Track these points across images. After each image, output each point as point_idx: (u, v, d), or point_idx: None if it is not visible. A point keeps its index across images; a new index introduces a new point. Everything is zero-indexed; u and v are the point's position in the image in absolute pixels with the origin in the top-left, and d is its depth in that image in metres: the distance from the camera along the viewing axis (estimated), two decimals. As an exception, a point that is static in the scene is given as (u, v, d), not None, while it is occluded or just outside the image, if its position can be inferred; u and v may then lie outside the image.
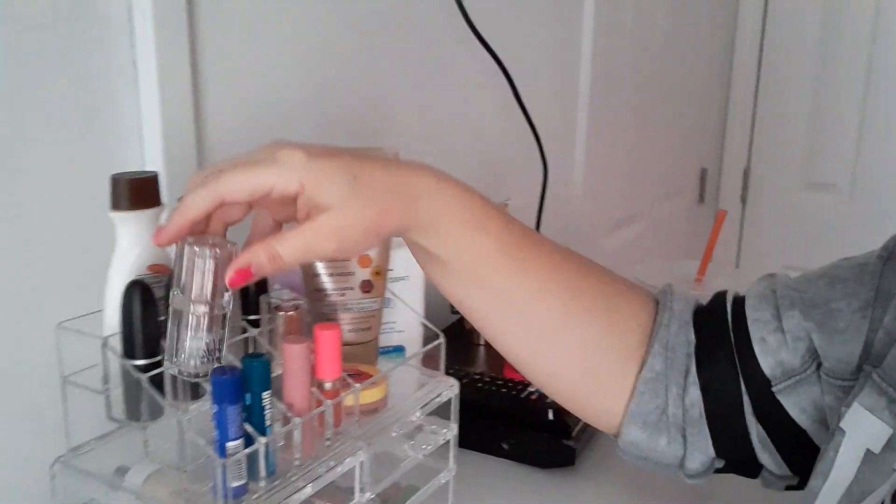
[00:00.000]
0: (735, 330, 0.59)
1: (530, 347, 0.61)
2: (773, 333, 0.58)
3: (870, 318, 0.55)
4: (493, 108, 1.18)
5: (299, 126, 0.84)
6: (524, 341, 0.61)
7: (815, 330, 0.57)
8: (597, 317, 0.60)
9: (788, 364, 0.57)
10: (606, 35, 1.50)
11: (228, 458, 0.49)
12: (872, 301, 0.56)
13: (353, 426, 0.60)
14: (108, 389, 0.53)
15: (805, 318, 0.58)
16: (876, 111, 2.15)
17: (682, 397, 0.59)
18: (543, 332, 0.60)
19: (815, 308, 0.58)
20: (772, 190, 2.35)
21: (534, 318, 0.60)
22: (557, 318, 0.60)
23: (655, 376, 0.60)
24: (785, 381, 0.57)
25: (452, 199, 0.55)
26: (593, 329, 0.60)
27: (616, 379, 0.61)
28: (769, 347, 0.58)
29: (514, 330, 0.61)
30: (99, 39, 0.63)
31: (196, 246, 0.49)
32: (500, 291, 0.59)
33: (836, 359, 0.56)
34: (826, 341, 0.56)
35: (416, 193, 0.53)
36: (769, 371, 0.57)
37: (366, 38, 0.92)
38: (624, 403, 0.61)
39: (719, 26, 2.22)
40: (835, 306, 0.57)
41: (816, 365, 0.57)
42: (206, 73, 0.72)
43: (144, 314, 0.52)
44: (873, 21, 2.11)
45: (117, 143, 0.65)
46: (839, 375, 0.56)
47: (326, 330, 0.58)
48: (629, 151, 1.74)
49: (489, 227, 0.57)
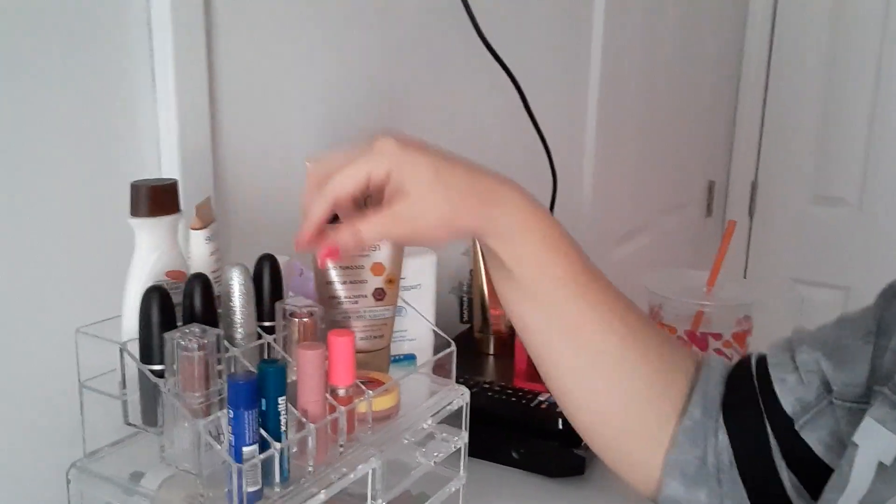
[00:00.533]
0: (758, 377, 0.60)
1: (581, 379, 0.61)
2: (791, 373, 0.59)
3: (873, 345, 0.56)
4: (503, 119, 1.18)
5: (313, 136, 0.85)
6: (576, 372, 0.61)
7: (823, 358, 0.58)
8: (650, 361, 0.61)
9: (806, 399, 0.58)
10: (615, 47, 1.51)
11: (244, 463, 0.50)
12: (875, 329, 0.57)
13: (366, 433, 0.60)
14: (125, 394, 0.54)
15: (813, 349, 0.59)
16: (884, 124, 2.14)
17: (715, 445, 0.59)
18: (597, 366, 0.60)
19: (824, 344, 0.59)
20: (780, 203, 2.35)
21: (590, 350, 0.60)
22: (613, 355, 0.60)
23: (694, 425, 0.60)
24: (804, 416, 0.58)
25: (531, 216, 0.57)
26: (644, 373, 0.61)
27: (658, 427, 0.61)
28: (788, 386, 0.59)
29: (568, 358, 0.61)
30: (117, 48, 0.64)
31: (182, 339, 0.51)
32: (564, 316, 0.59)
33: (843, 383, 0.57)
34: (834, 367, 0.57)
35: (495, 201, 0.56)
36: (790, 409, 0.58)
37: (378, 50, 0.93)
38: (663, 454, 0.60)
39: (727, 39, 2.22)
40: (843, 343, 0.58)
41: (829, 394, 0.57)
42: (223, 80, 0.73)
43: (162, 320, 0.52)
44: (881, 34, 2.11)
45: (135, 151, 0.66)
46: (849, 398, 0.56)
47: (341, 336, 0.58)
48: (637, 163, 1.74)
49: (564, 250, 0.58)
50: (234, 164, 0.75)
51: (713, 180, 2.33)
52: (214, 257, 0.60)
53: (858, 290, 2.20)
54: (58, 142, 0.61)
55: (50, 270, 0.61)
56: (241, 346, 0.57)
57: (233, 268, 0.57)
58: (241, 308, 0.57)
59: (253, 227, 0.78)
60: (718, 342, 0.83)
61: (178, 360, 0.51)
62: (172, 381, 0.52)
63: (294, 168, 0.68)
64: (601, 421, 0.63)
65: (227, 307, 0.57)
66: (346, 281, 0.67)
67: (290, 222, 0.77)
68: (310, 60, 0.83)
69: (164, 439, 0.54)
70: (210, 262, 0.60)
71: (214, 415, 0.52)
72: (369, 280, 0.68)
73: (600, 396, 0.61)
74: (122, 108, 0.65)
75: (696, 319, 0.83)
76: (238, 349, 0.57)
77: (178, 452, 0.53)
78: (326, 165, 0.57)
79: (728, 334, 0.83)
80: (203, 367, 0.51)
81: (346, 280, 0.67)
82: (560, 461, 0.80)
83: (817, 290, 2.31)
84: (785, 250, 2.35)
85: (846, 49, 2.16)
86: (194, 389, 0.51)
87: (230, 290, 0.57)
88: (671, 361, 0.62)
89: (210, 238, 0.60)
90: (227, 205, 0.75)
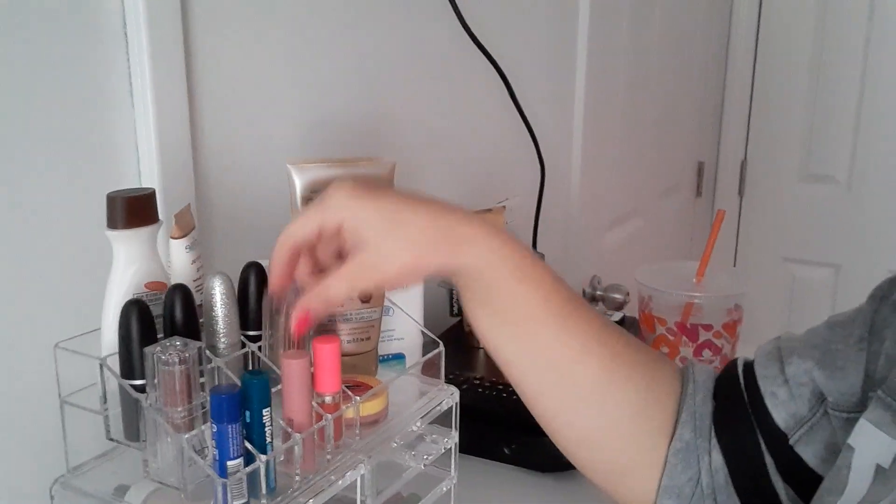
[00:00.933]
0: (748, 389, 0.59)
1: (566, 409, 0.60)
2: (781, 386, 0.58)
3: (867, 351, 0.56)
4: (490, 110, 1.17)
5: (296, 138, 0.83)
6: (560, 402, 0.60)
7: (816, 367, 0.57)
8: (635, 384, 0.60)
9: (799, 413, 0.57)
10: (602, 31, 1.49)
11: (229, 477, 0.49)
12: (867, 335, 0.56)
13: (354, 439, 0.60)
14: (106, 409, 0.53)
15: (804, 359, 0.58)
16: (873, 103, 2.14)
17: (709, 464, 0.58)
18: (581, 394, 0.59)
19: (814, 349, 0.58)
20: (769, 182, 2.35)
21: (573, 379, 0.59)
22: (597, 382, 0.59)
23: (685, 446, 0.59)
24: (798, 430, 0.57)
25: (499, 250, 0.55)
26: (630, 397, 0.60)
27: (648, 450, 0.60)
28: (780, 400, 0.58)
29: (551, 389, 0.60)
30: (94, 55, 0.62)
31: (162, 353, 0.50)
32: (542, 347, 0.58)
33: (838, 392, 0.56)
34: (827, 377, 0.57)
35: (459, 240, 0.54)
36: (783, 424, 0.57)
37: (362, 44, 0.91)
38: (657, 478, 0.59)
39: (715, 19, 2.21)
40: (834, 347, 0.57)
41: (823, 405, 0.57)
42: (203, 84, 0.71)
43: (142, 333, 0.51)
44: (869, 11, 2.10)
45: (113, 160, 0.65)
46: (844, 408, 0.56)
47: (326, 343, 0.57)
48: (626, 147, 1.73)
49: (536, 280, 0.57)
50: (215, 170, 0.74)
51: (702, 161, 2.32)
52: (196, 266, 0.60)
53: (848, 268, 2.21)
54: (32, 151, 0.59)
55: (27, 284, 0.60)
56: (224, 356, 0.57)
57: (214, 276, 0.56)
58: (224, 317, 0.57)
59: (236, 234, 0.77)
60: (709, 333, 0.83)
61: (158, 374, 0.50)
62: (154, 396, 0.51)
63: (277, 172, 0.67)
64: (591, 448, 0.61)
65: (210, 317, 0.57)
66: (330, 284, 0.66)
67: (274, 228, 0.76)
68: (291, 64, 0.82)
69: (148, 454, 0.53)
70: (191, 270, 0.59)
71: (198, 429, 0.51)
72: (354, 282, 0.67)
73: (587, 424, 0.60)
74: (99, 115, 0.63)
75: (686, 311, 0.83)
76: (221, 359, 0.56)
77: (162, 467, 0.52)
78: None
79: (719, 325, 0.83)
80: (185, 380, 0.51)
81: (330, 283, 0.66)
82: (552, 456, 0.79)
83: (808, 267, 2.31)
84: (775, 229, 2.36)
85: (834, 28, 2.15)
86: (176, 404, 0.51)
87: (212, 300, 0.56)
88: (657, 381, 0.61)
89: (191, 247, 0.59)
90: (209, 212, 0.74)
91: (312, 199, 0.64)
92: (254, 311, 0.61)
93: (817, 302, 2.28)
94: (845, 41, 2.14)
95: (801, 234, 2.31)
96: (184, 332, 0.53)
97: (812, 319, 0.63)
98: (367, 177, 0.65)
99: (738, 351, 0.87)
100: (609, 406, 0.59)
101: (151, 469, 0.53)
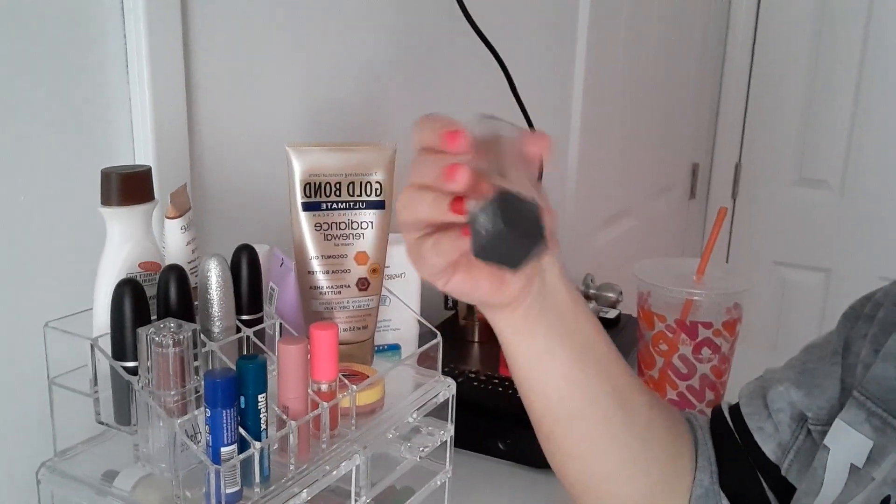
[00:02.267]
0: (738, 430, 0.60)
1: (596, 446, 0.59)
2: (766, 420, 0.59)
3: (841, 364, 0.56)
4: (489, 103, 1.16)
5: (292, 122, 0.82)
6: (593, 438, 0.58)
7: (792, 387, 0.58)
8: (658, 442, 0.60)
9: (783, 441, 0.58)
10: (600, 33, 1.49)
11: (222, 463, 0.48)
12: (840, 349, 0.57)
13: (350, 429, 0.59)
14: (96, 392, 0.52)
15: (781, 383, 0.59)
16: (867, 108, 2.14)
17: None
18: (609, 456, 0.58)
19: (790, 369, 0.59)
20: (763, 185, 2.35)
21: (625, 413, 0.58)
22: (627, 450, 0.58)
23: (705, 492, 0.59)
24: (786, 458, 0.58)
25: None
26: (655, 454, 0.59)
27: (674, 497, 0.60)
28: (767, 434, 0.59)
29: (582, 428, 0.58)
30: (90, 34, 0.61)
31: (156, 334, 0.48)
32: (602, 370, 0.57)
33: (817, 407, 0.57)
34: (805, 395, 0.57)
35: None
36: (773, 456, 0.58)
37: (361, 32, 0.90)
38: None
39: (712, 21, 2.21)
40: (810, 366, 0.58)
41: (803, 425, 0.57)
42: (200, 63, 0.70)
43: (136, 314, 0.50)
44: (866, 17, 2.10)
45: (106, 138, 0.63)
46: (824, 421, 0.56)
47: (323, 330, 0.56)
48: (621, 147, 1.73)
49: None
50: (211, 151, 0.72)
51: (697, 163, 2.32)
52: (191, 247, 0.58)
53: (840, 273, 2.21)
54: (25, 127, 0.58)
55: (17, 262, 0.58)
56: (218, 341, 0.55)
57: (210, 258, 0.55)
58: (219, 300, 0.55)
59: (231, 216, 0.75)
60: (709, 331, 0.82)
61: (152, 356, 0.49)
62: (146, 379, 0.49)
63: (273, 154, 0.66)
64: (614, 482, 0.60)
65: (205, 299, 0.55)
66: (328, 270, 0.65)
67: (269, 210, 0.74)
68: (290, 43, 0.80)
69: (139, 438, 0.51)
70: (186, 252, 0.58)
71: (191, 413, 0.50)
72: (353, 269, 0.66)
73: (620, 466, 0.59)
74: (93, 93, 0.62)
75: (686, 308, 0.82)
76: (216, 343, 0.54)
77: (153, 452, 0.51)
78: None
79: (718, 323, 0.82)
80: (178, 363, 0.49)
81: (328, 270, 0.65)
82: (547, 452, 0.79)
83: (799, 272, 2.31)
84: (767, 232, 2.35)
85: (830, 32, 2.15)
86: (169, 387, 0.49)
87: (207, 282, 0.55)
88: (679, 429, 0.61)
89: (186, 227, 0.57)
90: (204, 193, 0.72)
91: (311, 184, 0.63)
92: (247, 294, 0.59)
93: (808, 306, 2.28)
94: (841, 47, 2.14)
95: (794, 238, 2.31)
96: (178, 315, 0.52)
97: (803, 324, 0.64)
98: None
99: (736, 351, 0.86)
100: (639, 468, 0.59)
101: (142, 454, 0.51)
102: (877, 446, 0.49)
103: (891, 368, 0.51)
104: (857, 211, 2.20)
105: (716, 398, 0.86)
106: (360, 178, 0.65)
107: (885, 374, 0.51)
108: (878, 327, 0.54)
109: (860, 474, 0.50)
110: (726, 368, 0.86)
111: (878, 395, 0.51)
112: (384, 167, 0.65)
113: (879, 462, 0.48)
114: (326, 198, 0.64)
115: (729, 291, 0.83)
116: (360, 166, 0.65)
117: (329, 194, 0.64)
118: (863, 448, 0.50)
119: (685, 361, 0.84)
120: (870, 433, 0.50)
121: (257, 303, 0.60)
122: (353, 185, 0.65)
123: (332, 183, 0.64)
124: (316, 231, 0.64)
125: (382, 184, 0.65)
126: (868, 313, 0.56)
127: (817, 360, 0.58)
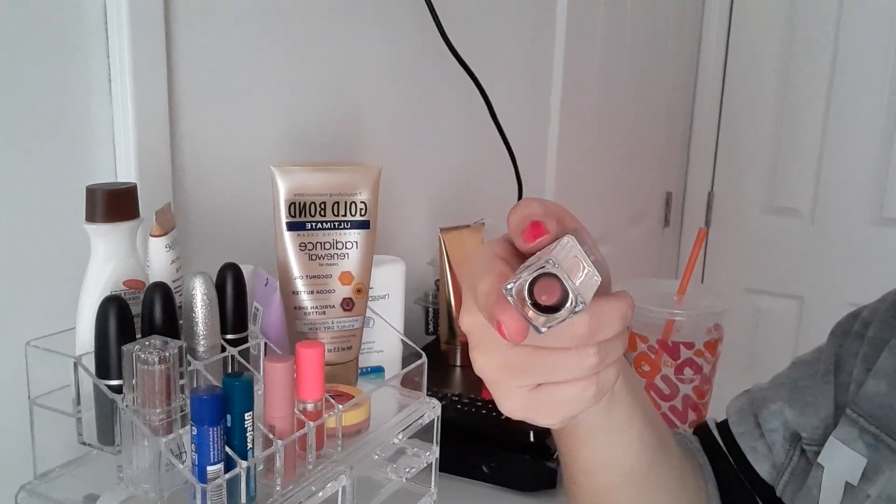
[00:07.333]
0: (730, 450, 0.60)
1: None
2: (759, 440, 0.59)
3: (833, 384, 0.57)
4: (468, 128, 1.17)
5: (275, 139, 0.82)
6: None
7: (786, 405, 0.58)
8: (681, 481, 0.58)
9: (777, 461, 0.58)
10: (576, 62, 1.51)
11: (209, 482, 0.47)
12: (832, 368, 0.57)
13: (335, 449, 0.58)
14: (79, 412, 0.51)
15: (773, 401, 0.59)
16: (836, 137, 2.18)
17: None
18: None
19: (782, 387, 0.59)
20: (735, 213, 2.38)
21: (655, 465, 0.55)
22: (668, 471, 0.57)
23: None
24: (780, 479, 0.58)
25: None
26: (688, 473, 0.59)
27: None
28: (760, 454, 0.59)
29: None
30: (73, 52, 0.61)
31: (141, 352, 0.48)
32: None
33: (811, 426, 0.57)
34: (798, 413, 0.57)
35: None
36: (768, 477, 0.58)
37: (343, 54, 0.90)
38: None
39: (684, 53, 2.25)
40: (802, 384, 0.58)
41: (797, 445, 0.57)
42: (183, 81, 0.70)
43: (120, 332, 0.49)
44: (833, 49, 2.15)
45: (88, 157, 0.63)
46: (819, 441, 0.56)
47: (309, 348, 0.55)
48: (596, 175, 1.74)
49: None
50: (194, 169, 0.72)
51: (670, 191, 2.35)
52: (175, 266, 0.57)
53: (811, 300, 2.24)
54: (7, 145, 0.57)
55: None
56: (203, 359, 0.54)
57: (195, 276, 0.54)
58: (204, 319, 0.55)
59: (215, 235, 0.75)
60: (690, 351, 0.83)
61: (137, 374, 0.48)
62: (131, 397, 0.49)
63: (257, 173, 0.66)
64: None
65: (189, 318, 0.54)
66: (313, 290, 0.65)
67: (254, 229, 0.74)
68: (273, 63, 0.80)
69: (122, 459, 0.50)
70: (171, 270, 0.57)
71: (176, 432, 0.49)
72: (337, 289, 0.66)
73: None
74: (76, 109, 0.61)
75: (668, 328, 0.82)
76: (201, 362, 0.54)
77: (137, 473, 0.50)
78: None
79: (700, 343, 0.83)
80: (164, 381, 0.48)
81: (312, 290, 0.65)
82: (532, 475, 0.79)
83: (772, 299, 2.34)
84: (740, 260, 2.38)
85: (799, 65, 2.20)
86: (155, 405, 0.48)
87: (192, 300, 0.54)
88: (692, 463, 0.61)
89: (170, 246, 0.57)
90: (187, 211, 0.72)
91: (296, 204, 0.63)
92: (231, 313, 0.59)
93: (781, 333, 2.30)
94: (810, 78, 2.19)
95: (766, 264, 2.34)
96: (163, 333, 0.51)
97: (776, 351, 0.64)
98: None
99: (717, 371, 0.86)
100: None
101: (125, 475, 0.50)
102: (871, 463, 0.49)
103: (882, 385, 0.51)
104: (827, 238, 2.23)
105: (698, 419, 0.86)
106: (344, 197, 0.65)
107: (876, 391, 0.51)
108: (868, 346, 0.55)
109: (855, 492, 0.50)
110: (708, 389, 0.86)
111: (871, 413, 0.51)
112: (369, 187, 0.65)
113: (874, 479, 0.49)
114: (311, 217, 0.64)
115: (711, 311, 0.84)
116: (345, 186, 0.65)
117: (314, 214, 0.64)
118: (857, 465, 0.50)
119: (668, 382, 0.84)
120: (863, 450, 0.50)
121: (242, 322, 0.59)
122: (337, 205, 0.65)
123: (316, 203, 0.64)
124: (300, 251, 0.64)
125: (367, 203, 0.65)
126: (858, 331, 0.57)
127: (808, 377, 0.59)
